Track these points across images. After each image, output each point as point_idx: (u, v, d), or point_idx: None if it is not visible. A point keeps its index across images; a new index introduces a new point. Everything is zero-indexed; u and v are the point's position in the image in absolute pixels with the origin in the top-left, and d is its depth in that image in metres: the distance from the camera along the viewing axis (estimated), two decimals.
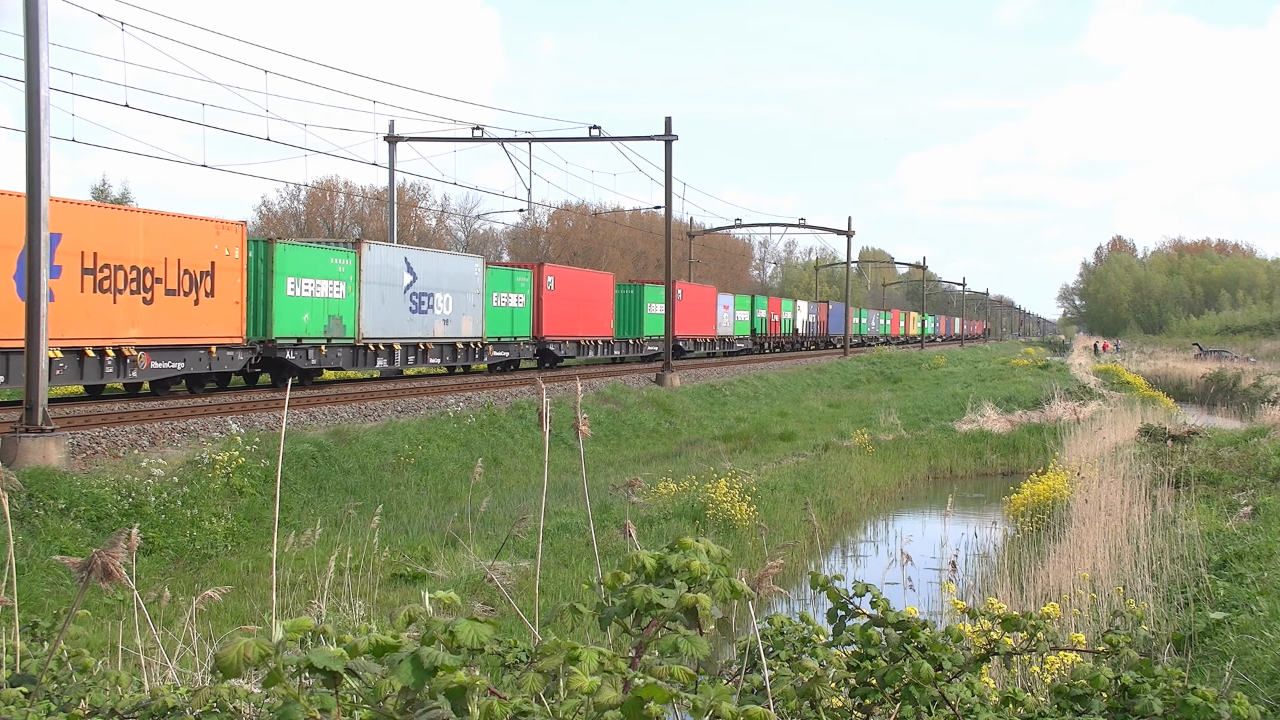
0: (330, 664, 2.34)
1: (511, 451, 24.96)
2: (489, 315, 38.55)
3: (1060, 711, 4.03)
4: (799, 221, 69.44)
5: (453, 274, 36.49)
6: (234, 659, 2.38)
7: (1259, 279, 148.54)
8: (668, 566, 2.82)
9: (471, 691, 2.34)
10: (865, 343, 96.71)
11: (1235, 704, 3.85)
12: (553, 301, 42.96)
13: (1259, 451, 20.56)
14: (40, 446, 16.19)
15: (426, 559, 14.05)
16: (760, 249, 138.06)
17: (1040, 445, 28.37)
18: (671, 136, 39.06)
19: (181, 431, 20.23)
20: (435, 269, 35.62)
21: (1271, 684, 7.79)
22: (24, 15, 16.31)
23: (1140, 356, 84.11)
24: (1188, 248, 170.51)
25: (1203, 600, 10.56)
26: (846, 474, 23.85)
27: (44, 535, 13.87)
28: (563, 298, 43.81)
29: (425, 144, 42.55)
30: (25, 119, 16.39)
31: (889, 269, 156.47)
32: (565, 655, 2.47)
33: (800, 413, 37.60)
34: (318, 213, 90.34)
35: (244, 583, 13.22)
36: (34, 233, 16.39)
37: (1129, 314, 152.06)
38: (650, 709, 2.38)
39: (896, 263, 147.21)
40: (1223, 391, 52.34)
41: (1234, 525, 14.12)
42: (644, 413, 32.05)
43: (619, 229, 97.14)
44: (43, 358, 16.50)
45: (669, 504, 17.65)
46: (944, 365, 64.33)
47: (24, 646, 4.12)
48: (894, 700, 3.91)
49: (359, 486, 19.46)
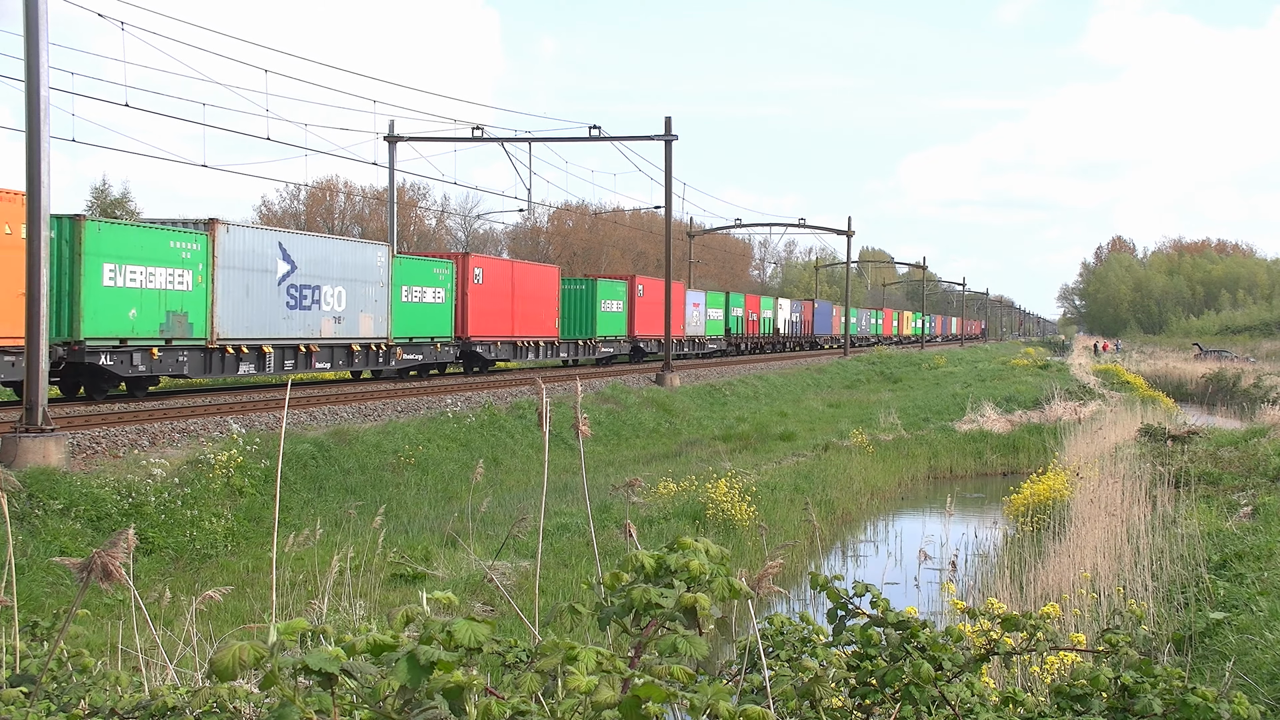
0: (326, 665, 2.33)
1: (511, 451, 24.96)
2: (397, 312, 33.42)
3: (1060, 711, 4.02)
4: (799, 221, 69.48)
5: (346, 263, 31.35)
6: (229, 662, 2.38)
7: (1259, 279, 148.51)
8: (666, 566, 2.82)
9: (469, 691, 2.34)
10: (854, 343, 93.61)
11: (1235, 704, 3.85)
12: (481, 297, 37.83)
13: (1259, 451, 20.56)
14: (40, 446, 16.19)
15: (427, 559, 14.05)
16: (760, 249, 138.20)
17: (1040, 445, 28.37)
18: (671, 136, 39.07)
19: (181, 431, 20.24)
20: (321, 256, 30.43)
21: (1271, 684, 7.79)
22: (24, 15, 16.31)
23: (1140, 356, 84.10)
24: (1188, 248, 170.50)
25: (1203, 600, 10.56)
26: (846, 474, 23.85)
27: (44, 535, 13.87)
28: (493, 293, 38.66)
29: (425, 144, 42.46)
30: (25, 119, 16.40)
31: (889, 269, 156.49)
32: (563, 655, 2.47)
33: (800, 413, 37.60)
34: (318, 212, 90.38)
35: (244, 583, 13.22)
36: (34, 233, 16.39)
37: (1129, 314, 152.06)
38: (648, 708, 2.38)
39: (896, 263, 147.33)
40: (1223, 391, 52.33)
41: (1234, 525, 14.12)
42: (644, 413, 32.05)
43: (619, 229, 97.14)
44: (43, 358, 16.51)
45: (669, 504, 17.65)
46: (944, 365, 64.36)
47: (24, 646, 4.12)
48: (894, 700, 3.91)
49: (359, 486, 19.47)
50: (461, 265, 37.50)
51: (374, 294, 32.45)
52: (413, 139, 40.21)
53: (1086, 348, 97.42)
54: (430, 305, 35.49)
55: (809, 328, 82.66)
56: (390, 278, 33.21)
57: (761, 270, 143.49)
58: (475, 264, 38.17)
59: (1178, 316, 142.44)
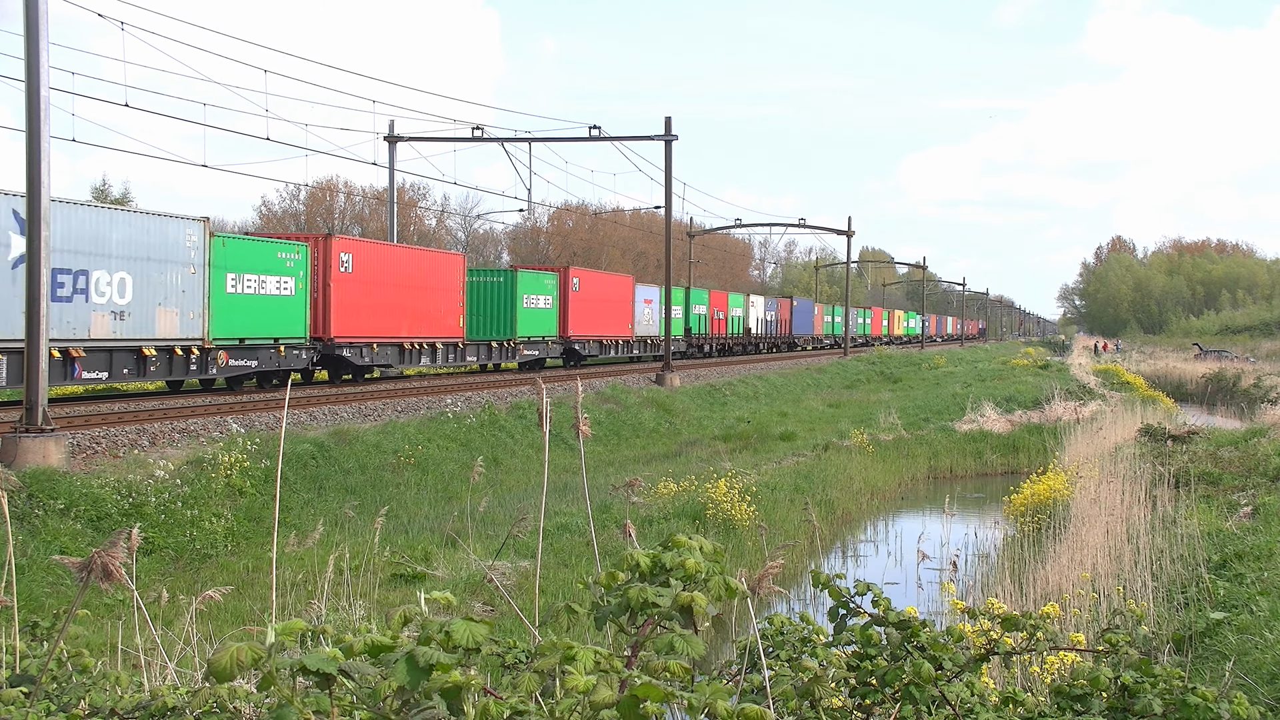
0: (323, 666, 2.33)
1: (511, 451, 24.97)
2: (219, 307, 26.34)
3: (1060, 711, 4.03)
4: (799, 221, 69.41)
5: (133, 241, 24.23)
6: (226, 663, 2.38)
7: (1259, 279, 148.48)
8: (662, 565, 2.82)
9: (467, 691, 2.34)
10: (837, 343, 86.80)
11: (1235, 704, 3.85)
12: (349, 289, 30.95)
13: (1259, 451, 20.55)
14: (40, 446, 16.20)
15: (426, 559, 14.05)
16: (760, 249, 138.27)
17: (1040, 445, 28.37)
18: (671, 136, 39.08)
19: (181, 431, 20.25)
20: (91, 231, 23.26)
21: (1271, 684, 7.79)
22: (24, 15, 16.31)
23: (1140, 356, 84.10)
24: (1188, 248, 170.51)
25: (1203, 600, 10.56)
26: (846, 474, 23.85)
27: (44, 535, 13.87)
28: (367, 283, 31.85)
29: (425, 144, 42.49)
30: (25, 119, 16.40)
31: (889, 269, 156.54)
32: (562, 655, 2.47)
33: (800, 413, 37.61)
34: (318, 212, 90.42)
35: (244, 583, 13.23)
36: (34, 232, 16.40)
37: (1129, 314, 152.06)
38: (646, 708, 2.38)
39: (896, 263, 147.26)
40: (1223, 391, 52.32)
41: (1234, 525, 14.12)
42: (644, 413, 32.06)
43: (619, 229, 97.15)
44: (43, 358, 16.51)
45: (669, 504, 17.65)
46: (944, 365, 64.39)
47: (24, 646, 4.12)
48: (894, 700, 3.91)
49: (359, 486, 19.47)
50: (321, 250, 30.13)
51: (179, 282, 25.39)
52: (413, 139, 40.23)
53: (1086, 348, 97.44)
54: (272, 298, 28.28)
55: (786, 327, 76.76)
56: (208, 261, 26.09)
57: (762, 270, 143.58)
58: (341, 248, 30.98)
59: (1178, 316, 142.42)
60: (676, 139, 39.10)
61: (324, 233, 41.17)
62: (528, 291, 41.61)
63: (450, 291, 36.54)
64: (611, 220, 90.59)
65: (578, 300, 45.18)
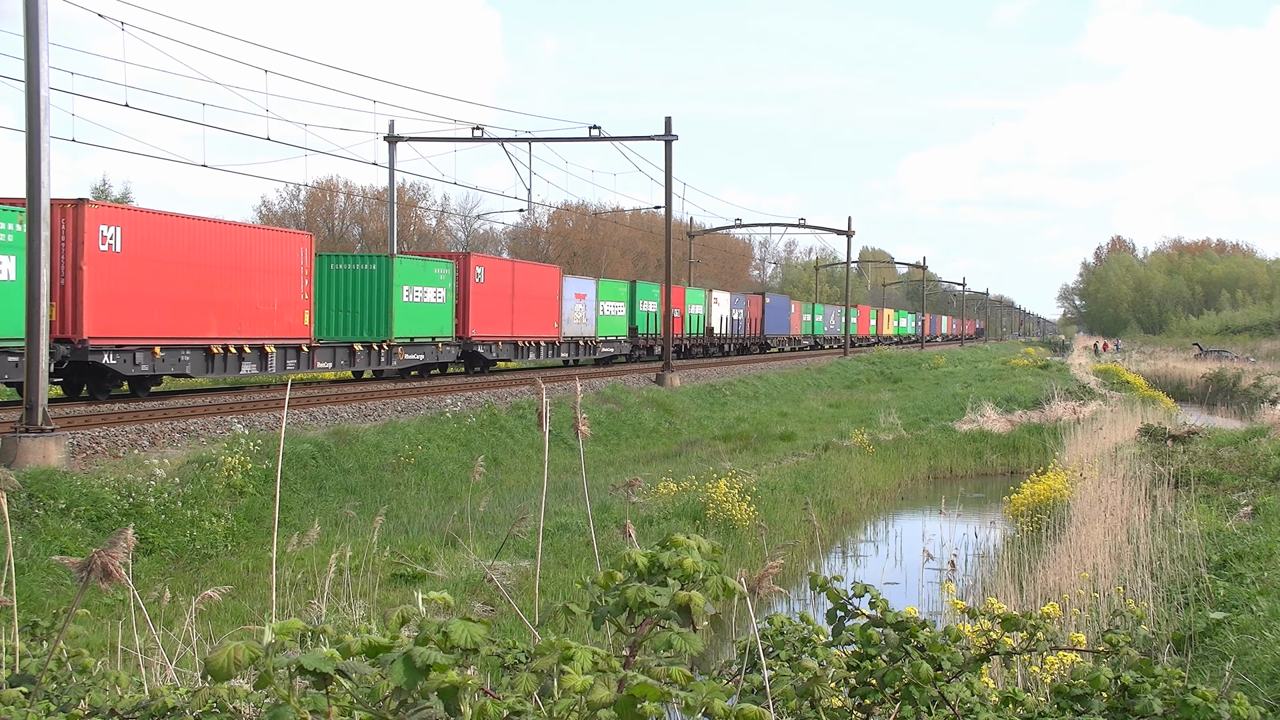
0: (320, 665, 2.33)
1: (511, 451, 24.97)
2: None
3: (1060, 711, 4.03)
4: (799, 221, 69.45)
5: None
6: (224, 662, 2.38)
7: (1259, 279, 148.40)
8: (660, 564, 2.82)
9: (464, 691, 2.34)
10: (818, 344, 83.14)
11: (1235, 704, 3.85)
12: (118, 271, 23.70)
13: (1259, 451, 20.54)
14: (40, 446, 16.19)
15: (426, 559, 14.05)
16: (760, 249, 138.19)
17: (1040, 445, 28.37)
18: (671, 136, 39.07)
19: (181, 431, 20.25)
20: None
21: (1271, 684, 7.78)
22: (24, 15, 16.31)
23: (1140, 356, 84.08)
24: (1188, 248, 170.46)
25: (1203, 600, 10.55)
26: (846, 474, 23.85)
27: (44, 535, 13.87)
28: (147, 261, 24.46)
29: (425, 144, 42.40)
30: (25, 119, 16.40)
31: (889, 269, 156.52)
32: (559, 655, 2.47)
33: (800, 413, 37.60)
34: (318, 213, 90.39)
35: (244, 583, 13.22)
36: (34, 232, 16.40)
37: (1129, 314, 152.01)
38: (644, 708, 2.37)
39: (896, 263, 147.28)
40: (1223, 391, 52.32)
41: (1234, 525, 14.11)
42: (644, 413, 32.06)
43: (619, 229, 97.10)
44: (43, 357, 16.51)
45: (669, 504, 17.65)
46: (944, 365, 64.38)
47: (24, 646, 4.12)
48: (894, 700, 3.91)
49: (359, 486, 19.47)
50: (72, 222, 22.77)
51: None
52: (413, 139, 40.20)
53: (1086, 348, 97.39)
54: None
55: (757, 326, 69.28)
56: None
57: (762, 270, 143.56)
58: (101, 218, 23.47)
59: (1178, 316, 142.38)
60: (676, 139, 39.10)
61: (79, 198, 23.58)
62: (409, 283, 34.30)
63: (288, 276, 29.56)
64: (611, 220, 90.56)
65: (482, 294, 38.36)
